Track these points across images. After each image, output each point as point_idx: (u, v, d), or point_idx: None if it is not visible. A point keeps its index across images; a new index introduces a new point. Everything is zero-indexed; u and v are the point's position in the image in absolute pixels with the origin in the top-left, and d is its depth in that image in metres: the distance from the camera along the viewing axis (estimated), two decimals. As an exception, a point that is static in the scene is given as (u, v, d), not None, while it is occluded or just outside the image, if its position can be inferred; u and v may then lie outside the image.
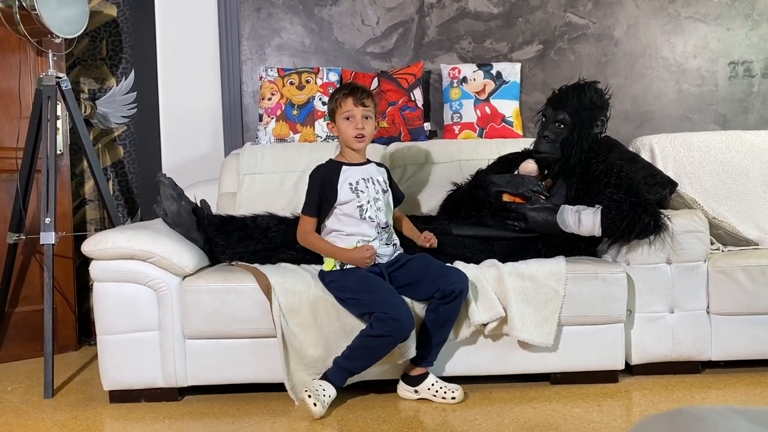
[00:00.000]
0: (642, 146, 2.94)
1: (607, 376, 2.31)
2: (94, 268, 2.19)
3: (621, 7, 3.27)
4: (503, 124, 3.06)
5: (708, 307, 2.35)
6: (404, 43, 3.27)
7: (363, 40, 3.26)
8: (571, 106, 2.42)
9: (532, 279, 2.23)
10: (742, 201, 2.81)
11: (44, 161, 2.60)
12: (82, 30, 2.77)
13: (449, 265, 2.22)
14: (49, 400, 2.31)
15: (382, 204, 2.23)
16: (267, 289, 2.13)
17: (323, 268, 2.20)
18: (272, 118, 3.03)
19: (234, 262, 2.37)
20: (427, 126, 3.16)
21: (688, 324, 2.33)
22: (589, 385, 2.28)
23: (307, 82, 3.06)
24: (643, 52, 3.27)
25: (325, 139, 3.00)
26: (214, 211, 2.57)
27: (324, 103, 2.97)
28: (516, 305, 2.19)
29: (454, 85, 3.10)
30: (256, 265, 2.27)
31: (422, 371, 2.17)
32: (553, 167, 2.46)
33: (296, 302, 2.12)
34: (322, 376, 2.07)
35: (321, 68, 3.10)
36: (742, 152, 2.89)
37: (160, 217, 2.39)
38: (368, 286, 2.08)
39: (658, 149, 2.90)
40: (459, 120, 3.07)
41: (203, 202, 2.43)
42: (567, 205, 2.35)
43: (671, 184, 2.54)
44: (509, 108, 3.08)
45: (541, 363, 2.27)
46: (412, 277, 2.15)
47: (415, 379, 2.17)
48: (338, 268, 2.17)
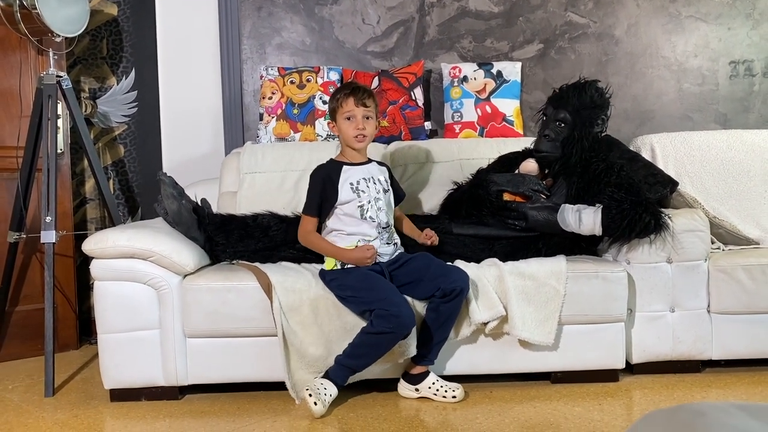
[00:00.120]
0: (643, 145, 2.94)
1: (608, 375, 2.31)
2: (95, 267, 2.20)
3: (622, 6, 3.26)
4: (504, 123, 3.06)
5: (708, 306, 2.35)
6: (405, 42, 3.27)
7: (364, 39, 3.26)
8: (572, 105, 2.42)
9: (532, 278, 2.23)
10: (743, 200, 2.81)
11: (45, 160, 2.60)
12: (83, 29, 2.77)
13: (450, 264, 2.22)
14: (50, 399, 2.31)
15: (383, 204, 2.22)
16: (267, 287, 2.13)
17: (324, 267, 2.20)
18: (273, 117, 3.03)
19: (234, 261, 2.37)
20: (428, 125, 3.16)
21: (688, 323, 2.33)
22: (590, 384, 2.28)
23: (308, 81, 3.06)
24: (643, 51, 3.27)
25: (326, 138, 3.00)
26: (215, 210, 2.57)
27: (324, 102, 2.97)
28: (516, 304, 2.19)
29: (455, 84, 3.10)
30: (257, 264, 2.27)
31: (423, 370, 2.17)
32: (553, 166, 2.46)
33: (297, 301, 2.12)
34: (324, 375, 2.07)
35: (321, 67, 3.10)
36: (743, 151, 2.89)
37: (161, 216, 2.39)
38: (369, 283, 2.08)
39: (659, 148, 2.90)
40: (459, 119, 3.07)
41: (204, 201, 2.43)
42: (567, 204, 2.35)
43: (672, 183, 2.54)
44: (510, 107, 3.08)
45: (542, 362, 2.27)
46: (413, 276, 2.15)
47: (416, 378, 2.17)
48: (339, 267, 2.17)
